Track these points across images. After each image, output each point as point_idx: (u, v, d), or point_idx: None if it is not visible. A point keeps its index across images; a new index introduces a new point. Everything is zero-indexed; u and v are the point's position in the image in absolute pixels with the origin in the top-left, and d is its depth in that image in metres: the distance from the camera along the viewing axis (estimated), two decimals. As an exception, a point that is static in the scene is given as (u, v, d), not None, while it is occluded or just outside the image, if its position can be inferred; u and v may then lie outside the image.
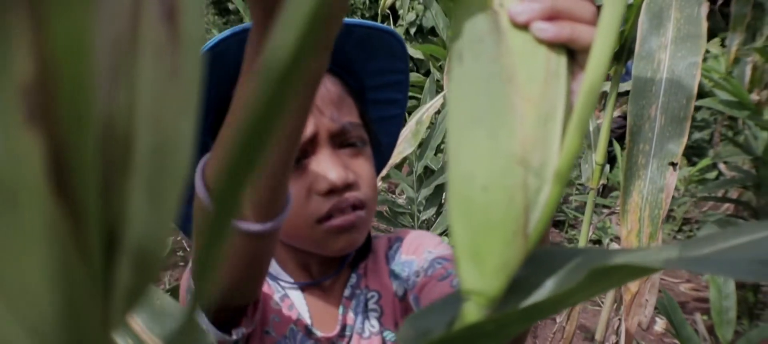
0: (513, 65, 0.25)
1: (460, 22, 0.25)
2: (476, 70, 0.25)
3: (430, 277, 0.68)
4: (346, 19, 0.67)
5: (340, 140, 0.68)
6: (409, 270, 0.73)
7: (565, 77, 0.26)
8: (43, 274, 0.12)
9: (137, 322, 0.55)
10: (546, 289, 0.24)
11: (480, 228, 0.24)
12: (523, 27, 0.26)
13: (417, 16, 6.41)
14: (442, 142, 2.64)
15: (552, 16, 0.26)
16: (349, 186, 0.67)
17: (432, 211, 2.55)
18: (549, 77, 0.26)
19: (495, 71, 0.25)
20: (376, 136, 0.76)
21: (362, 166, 0.69)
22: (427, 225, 2.51)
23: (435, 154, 2.57)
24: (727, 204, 3.18)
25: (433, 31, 5.51)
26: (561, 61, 0.26)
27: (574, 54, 0.27)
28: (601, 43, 0.23)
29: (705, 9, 0.94)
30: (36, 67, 0.11)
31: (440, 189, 2.53)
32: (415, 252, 0.74)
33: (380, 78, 0.75)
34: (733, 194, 2.97)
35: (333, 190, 0.66)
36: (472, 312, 0.25)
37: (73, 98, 0.11)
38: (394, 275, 0.75)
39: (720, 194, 3.05)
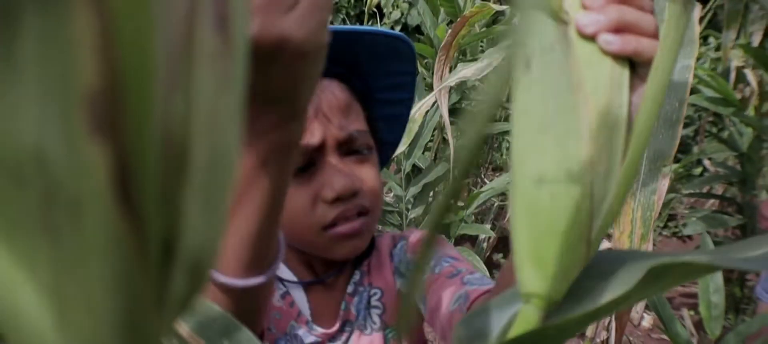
0: (581, 75, 0.26)
1: (526, 30, 0.26)
2: (545, 78, 0.25)
3: (437, 275, 0.69)
4: (354, 27, 0.69)
5: (346, 148, 0.68)
6: None
7: (627, 89, 0.27)
8: (105, 287, 0.12)
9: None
10: (602, 292, 0.25)
11: (545, 234, 0.25)
12: (590, 38, 0.26)
13: (402, 14, 6.41)
14: (430, 141, 2.65)
15: (618, 29, 0.27)
16: (354, 194, 0.67)
17: (420, 210, 2.55)
18: (613, 88, 0.26)
19: (564, 80, 0.25)
20: (381, 136, 0.76)
21: (368, 174, 0.70)
22: (415, 224, 2.51)
23: (423, 153, 2.57)
24: (712, 200, 3.21)
25: (418, 29, 5.51)
26: (624, 73, 0.27)
27: (635, 66, 0.28)
28: (665, 59, 0.24)
29: (698, 12, 0.95)
30: (103, 75, 0.11)
31: (428, 187, 2.53)
32: None
33: (388, 79, 0.75)
34: (718, 190, 3.00)
35: (339, 198, 0.66)
36: (531, 315, 0.25)
37: (138, 107, 0.11)
38: (399, 273, 0.75)
39: (705, 190, 3.08)
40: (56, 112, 0.11)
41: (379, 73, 0.73)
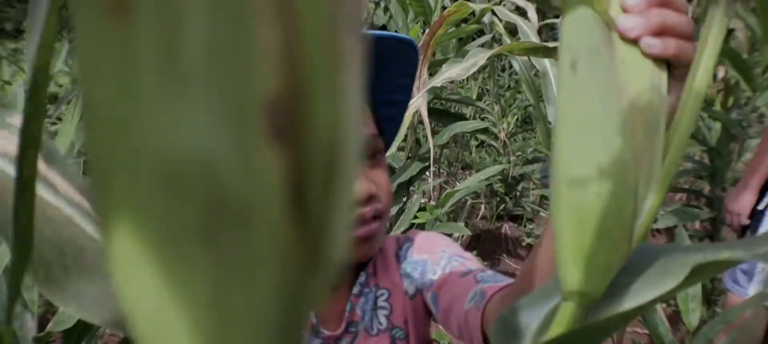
0: (625, 77, 0.26)
1: (572, 33, 0.26)
2: (591, 80, 0.26)
3: (449, 274, 0.69)
4: (372, 32, 0.70)
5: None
6: (423, 269, 0.73)
7: (666, 91, 0.27)
8: (270, 299, 0.12)
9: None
10: (640, 288, 0.25)
11: (590, 233, 0.25)
12: (632, 41, 0.27)
13: (367, 13, 6.42)
14: (404, 141, 2.65)
15: (659, 32, 0.27)
16: (370, 198, 0.67)
17: (394, 209, 2.55)
18: (654, 90, 0.27)
19: (609, 82, 0.26)
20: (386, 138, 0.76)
21: (380, 177, 0.70)
22: (390, 224, 2.52)
23: (397, 151, 2.56)
24: (680, 194, 3.27)
25: (384, 29, 5.50)
26: (663, 76, 0.27)
27: (671, 68, 0.28)
28: (706, 62, 0.24)
29: (690, 11, 0.97)
30: (285, 81, 0.11)
31: (402, 187, 2.53)
32: (428, 252, 0.75)
33: (388, 82, 0.75)
34: (687, 184, 3.05)
35: (356, 203, 0.66)
36: (572, 312, 0.25)
37: (316, 112, 0.11)
38: (406, 274, 0.75)
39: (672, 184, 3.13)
40: (230, 119, 0.11)
41: (385, 77, 0.73)
